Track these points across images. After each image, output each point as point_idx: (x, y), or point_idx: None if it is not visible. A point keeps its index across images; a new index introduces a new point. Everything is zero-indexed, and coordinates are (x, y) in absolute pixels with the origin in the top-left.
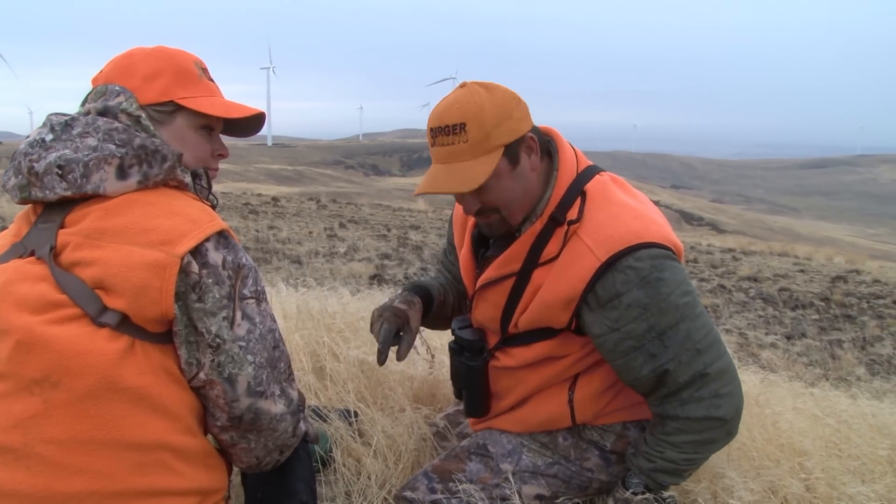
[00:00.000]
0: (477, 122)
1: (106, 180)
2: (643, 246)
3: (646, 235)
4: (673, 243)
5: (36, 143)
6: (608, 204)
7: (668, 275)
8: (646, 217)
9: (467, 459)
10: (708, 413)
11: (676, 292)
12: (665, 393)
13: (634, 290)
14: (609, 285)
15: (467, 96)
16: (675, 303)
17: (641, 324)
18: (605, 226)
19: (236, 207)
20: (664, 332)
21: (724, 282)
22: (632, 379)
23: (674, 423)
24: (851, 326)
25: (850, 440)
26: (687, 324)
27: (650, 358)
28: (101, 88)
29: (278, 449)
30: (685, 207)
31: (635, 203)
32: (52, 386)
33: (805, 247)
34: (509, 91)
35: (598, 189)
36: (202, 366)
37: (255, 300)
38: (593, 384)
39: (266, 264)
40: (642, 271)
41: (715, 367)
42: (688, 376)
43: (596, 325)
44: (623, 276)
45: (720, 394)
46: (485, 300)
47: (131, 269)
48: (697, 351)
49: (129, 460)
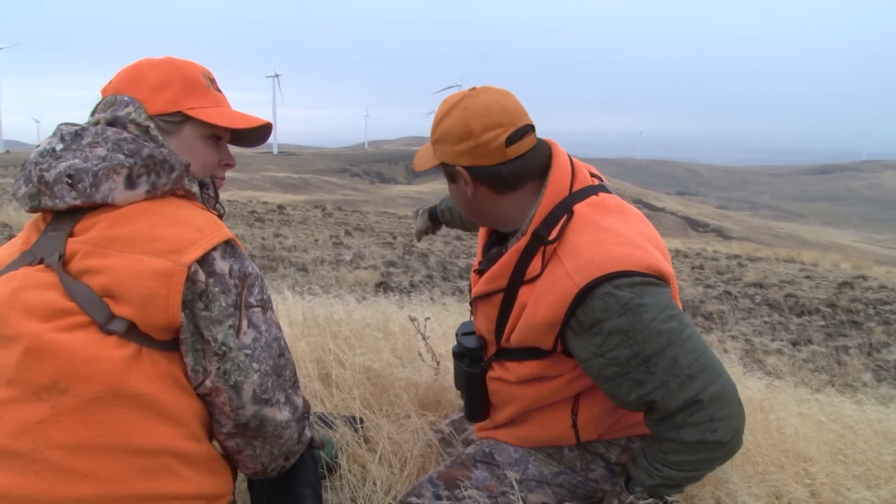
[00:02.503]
0: (436, 123)
1: (115, 190)
2: (623, 274)
3: (626, 263)
4: (657, 270)
5: (46, 152)
6: (593, 227)
7: (649, 300)
8: (632, 244)
9: (473, 467)
10: (703, 437)
11: (659, 318)
12: (658, 417)
13: (615, 317)
14: (589, 312)
15: (444, 102)
16: (659, 329)
17: (624, 350)
18: (585, 250)
19: (242, 215)
20: (649, 358)
21: (730, 288)
22: (620, 403)
23: (670, 444)
24: (858, 332)
25: (855, 446)
26: (673, 350)
27: (636, 384)
28: (111, 99)
29: (283, 455)
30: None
31: (625, 229)
32: (60, 392)
33: (811, 253)
34: (473, 124)
35: (587, 210)
36: (208, 373)
37: (260, 308)
38: (596, 406)
39: (272, 272)
40: (622, 298)
41: (708, 392)
42: (679, 402)
43: (580, 349)
44: (602, 303)
45: (715, 418)
46: (480, 311)
47: (139, 278)
48: (688, 377)
49: (135, 465)
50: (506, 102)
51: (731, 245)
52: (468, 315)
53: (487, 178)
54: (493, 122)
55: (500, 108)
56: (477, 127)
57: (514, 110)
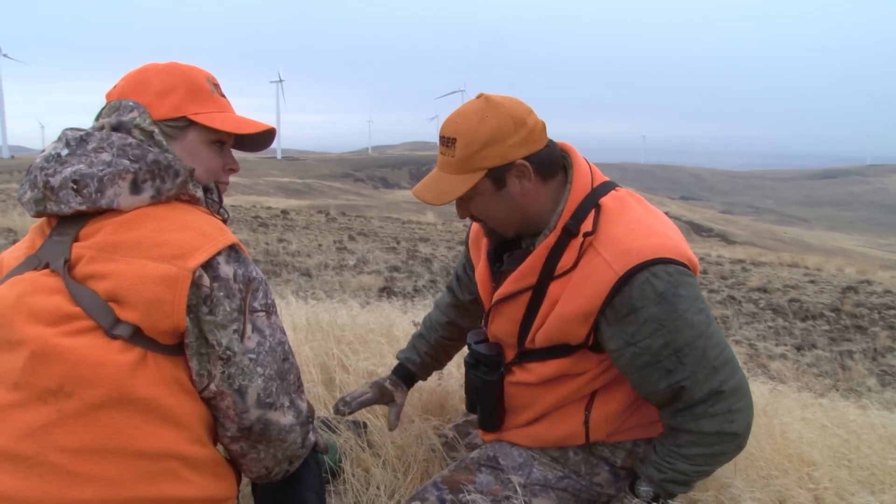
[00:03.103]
0: (465, 141)
1: (120, 195)
2: (660, 261)
3: (662, 251)
4: (688, 259)
5: (51, 157)
6: (624, 218)
7: (684, 291)
8: (662, 232)
9: (477, 471)
10: (721, 428)
11: (692, 309)
12: (680, 407)
13: (651, 305)
14: (626, 299)
15: (468, 113)
16: (692, 320)
17: (658, 340)
18: (622, 239)
19: (246, 220)
20: (681, 349)
21: (734, 293)
22: (647, 392)
23: (687, 436)
24: (862, 337)
25: (859, 450)
26: (703, 341)
27: (666, 374)
28: (115, 104)
29: (287, 459)
30: (695, 219)
31: (651, 219)
32: (66, 396)
33: (815, 257)
34: (518, 112)
35: (615, 203)
36: (213, 377)
37: (265, 313)
38: (610, 405)
39: (276, 277)
40: (659, 287)
41: (730, 384)
42: (703, 393)
43: (613, 339)
44: (640, 290)
45: (733, 409)
46: (501, 315)
47: (144, 283)
48: (714, 368)
49: (140, 469)
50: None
51: (735, 250)
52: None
53: (544, 162)
54: (527, 108)
55: (515, 98)
56: (522, 114)
57: None
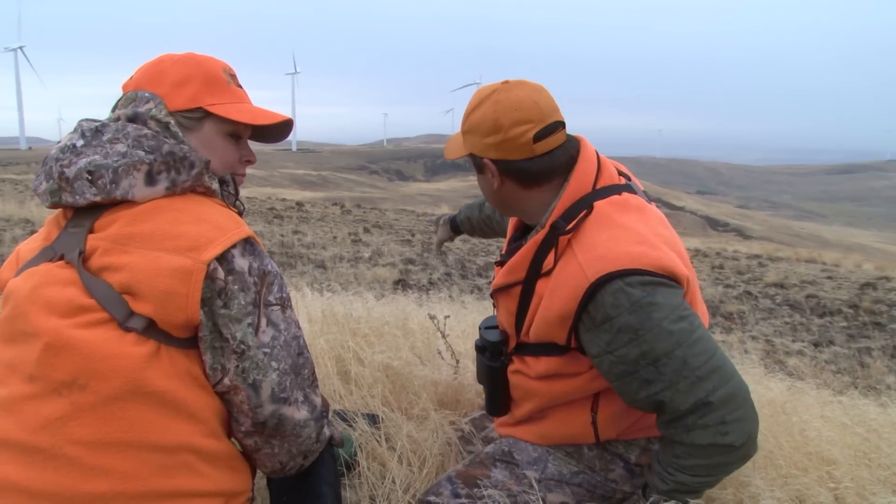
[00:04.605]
0: (466, 114)
1: (135, 186)
2: (635, 272)
3: (640, 261)
4: (670, 272)
5: (67, 148)
6: (611, 224)
7: (660, 299)
8: (648, 243)
9: (492, 466)
10: (714, 441)
11: (670, 318)
12: (668, 418)
13: (625, 314)
14: (600, 307)
15: (476, 94)
16: (669, 329)
17: (633, 349)
18: (600, 245)
19: (261, 212)
20: (658, 358)
21: (751, 288)
22: (630, 401)
23: (681, 447)
24: (881, 334)
25: (880, 450)
26: (683, 350)
27: (645, 384)
28: (131, 95)
29: (302, 454)
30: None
31: (643, 228)
32: (80, 388)
33: (833, 253)
34: (504, 118)
35: (609, 208)
36: (227, 371)
37: (279, 307)
38: (616, 405)
39: (291, 269)
40: (633, 296)
41: (718, 394)
42: (689, 404)
43: (591, 344)
44: (613, 299)
45: (726, 421)
46: (501, 304)
47: (158, 275)
48: (698, 378)
49: (154, 462)
50: (537, 98)
51: (752, 245)
52: (488, 311)
53: (514, 172)
54: (522, 118)
55: (530, 104)
56: (506, 121)
57: (546, 106)
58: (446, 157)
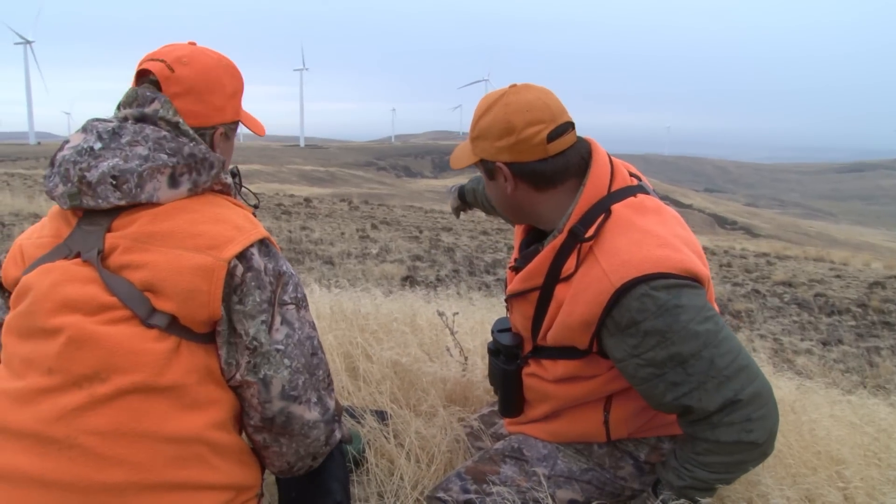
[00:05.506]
0: (475, 120)
1: (159, 189)
2: (660, 276)
3: (664, 265)
4: (693, 273)
5: (84, 151)
6: (631, 228)
7: (686, 301)
8: (669, 246)
9: (502, 462)
10: (739, 438)
11: (696, 319)
12: (694, 418)
13: (652, 318)
14: (625, 312)
15: (484, 98)
16: (696, 330)
17: (661, 352)
18: (623, 250)
19: (269, 208)
20: (686, 360)
21: (759, 286)
22: (656, 405)
23: (704, 444)
24: (890, 333)
25: (889, 449)
26: (710, 351)
27: (672, 386)
28: (132, 93)
29: (310, 456)
30: (719, 211)
31: (663, 230)
32: (101, 382)
33: (841, 252)
34: (517, 119)
35: (627, 211)
36: (239, 366)
37: (294, 306)
38: (629, 406)
39: (299, 265)
40: (659, 300)
41: (746, 392)
42: (717, 404)
43: (616, 349)
44: (639, 303)
45: (752, 418)
46: (516, 309)
47: (180, 273)
48: (726, 377)
49: (168, 453)
50: (546, 99)
51: (760, 243)
52: (498, 311)
53: (528, 174)
54: (534, 118)
55: (541, 105)
56: (519, 122)
57: (555, 107)
58: (454, 166)
